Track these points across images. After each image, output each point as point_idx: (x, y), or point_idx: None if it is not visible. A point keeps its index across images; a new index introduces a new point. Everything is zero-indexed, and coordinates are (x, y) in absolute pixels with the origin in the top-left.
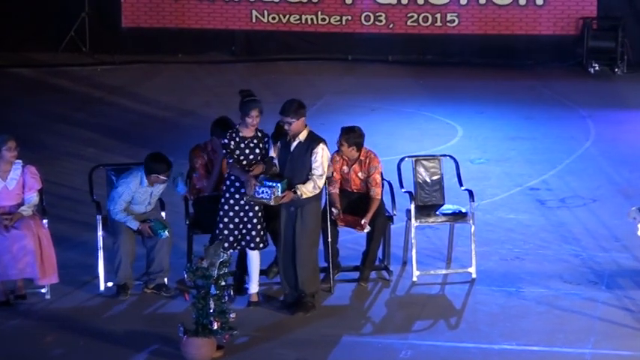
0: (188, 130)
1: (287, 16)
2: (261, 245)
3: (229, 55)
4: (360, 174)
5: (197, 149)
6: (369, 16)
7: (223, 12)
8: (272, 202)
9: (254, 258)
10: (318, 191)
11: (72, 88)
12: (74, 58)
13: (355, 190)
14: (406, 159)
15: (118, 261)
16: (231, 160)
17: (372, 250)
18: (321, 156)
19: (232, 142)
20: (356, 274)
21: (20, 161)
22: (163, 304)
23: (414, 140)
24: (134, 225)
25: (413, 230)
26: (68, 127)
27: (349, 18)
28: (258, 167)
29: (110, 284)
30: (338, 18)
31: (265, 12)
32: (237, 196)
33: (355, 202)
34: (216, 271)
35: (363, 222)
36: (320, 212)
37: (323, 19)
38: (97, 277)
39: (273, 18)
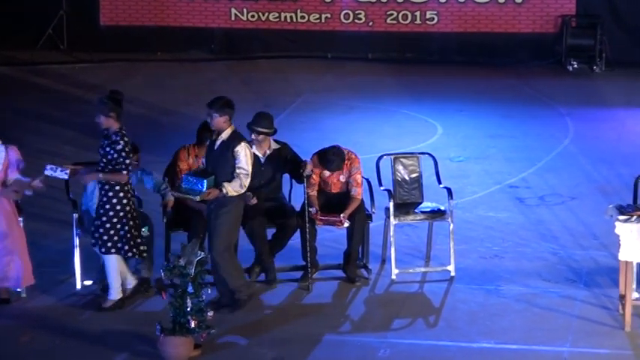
0: (168, 129)
1: (266, 14)
2: (103, 250)
3: (209, 54)
4: (341, 177)
5: (183, 151)
6: (349, 14)
7: (202, 10)
8: (197, 199)
9: (107, 263)
10: (243, 190)
11: (51, 86)
12: (52, 56)
13: (335, 192)
14: (385, 157)
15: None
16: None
17: (354, 248)
18: (245, 155)
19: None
20: (335, 272)
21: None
22: (141, 303)
23: (393, 138)
24: None
25: (392, 228)
26: (47, 125)
27: (328, 16)
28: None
29: (88, 283)
30: (317, 16)
31: (244, 10)
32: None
33: (334, 202)
34: (193, 270)
35: (342, 216)
36: (238, 212)
37: (302, 17)
38: (74, 275)
39: (253, 16)
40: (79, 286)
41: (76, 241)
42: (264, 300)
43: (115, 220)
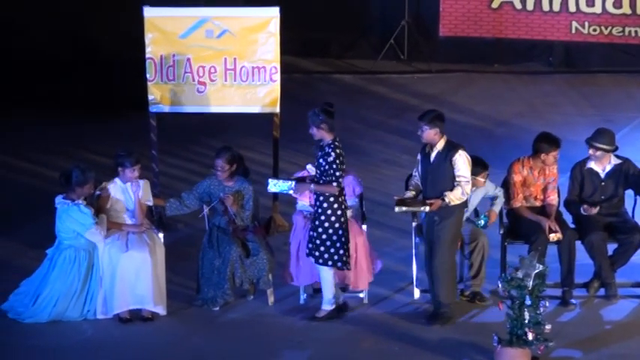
0: (502, 140)
1: (609, 28)
2: (320, 261)
3: (546, 66)
4: None
5: (517, 163)
6: None
7: (541, 22)
8: (427, 209)
9: (322, 273)
10: (465, 197)
11: (389, 95)
12: (392, 66)
13: None
14: None
15: None
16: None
17: None
18: (463, 162)
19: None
20: None
21: None
22: (477, 313)
23: None
24: None
25: None
26: (384, 133)
27: None
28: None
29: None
30: None
31: (586, 23)
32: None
33: None
34: (531, 282)
35: None
36: (460, 223)
37: None
38: (412, 283)
39: (594, 30)
40: (417, 295)
41: (415, 249)
42: (603, 315)
43: (330, 231)
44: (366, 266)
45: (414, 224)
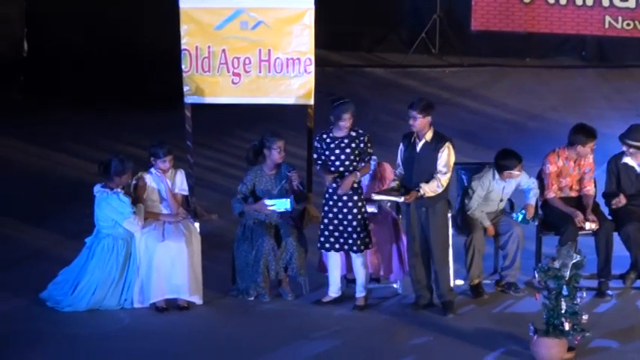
0: (535, 134)
1: None
2: (362, 247)
3: (579, 60)
4: None
5: (552, 154)
6: None
7: (575, 17)
8: (401, 199)
9: (357, 261)
10: (440, 190)
11: (420, 88)
12: (423, 60)
13: None
14: None
15: (470, 258)
16: (319, 163)
17: None
18: (447, 154)
19: (323, 144)
20: None
21: (375, 157)
22: (512, 304)
23: None
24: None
25: None
26: None
27: None
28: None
29: (459, 282)
30: None
31: (619, 18)
32: (335, 197)
33: None
34: (568, 272)
35: None
36: (447, 213)
37: None
38: None
39: (628, 24)
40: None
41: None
42: None
43: (366, 215)
44: (400, 257)
45: (448, 215)
